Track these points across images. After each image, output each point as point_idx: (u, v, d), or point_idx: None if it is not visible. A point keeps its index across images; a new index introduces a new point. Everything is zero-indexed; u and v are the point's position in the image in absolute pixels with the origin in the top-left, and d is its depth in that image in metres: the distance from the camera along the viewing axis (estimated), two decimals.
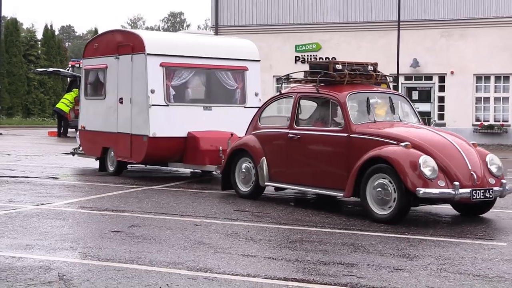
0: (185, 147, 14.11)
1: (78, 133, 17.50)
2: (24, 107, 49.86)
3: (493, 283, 6.88)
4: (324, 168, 10.81)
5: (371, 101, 11.00)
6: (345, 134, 10.35)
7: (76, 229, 9.46)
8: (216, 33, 33.80)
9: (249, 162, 11.98)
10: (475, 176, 9.61)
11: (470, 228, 10.02)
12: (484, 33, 28.88)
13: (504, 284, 6.85)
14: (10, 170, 16.99)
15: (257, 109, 14.59)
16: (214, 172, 14.57)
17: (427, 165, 9.29)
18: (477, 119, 29.10)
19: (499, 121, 29.22)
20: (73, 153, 18.18)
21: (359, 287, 6.64)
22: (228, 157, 12.43)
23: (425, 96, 30.62)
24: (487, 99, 29.61)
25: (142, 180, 15.10)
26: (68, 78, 34.44)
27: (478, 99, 29.66)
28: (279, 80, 11.82)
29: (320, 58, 31.36)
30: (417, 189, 9.18)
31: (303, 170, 11.16)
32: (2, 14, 36.63)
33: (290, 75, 12.05)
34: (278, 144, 11.54)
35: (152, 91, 13.63)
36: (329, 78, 11.01)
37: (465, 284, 6.82)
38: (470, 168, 9.62)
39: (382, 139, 10.02)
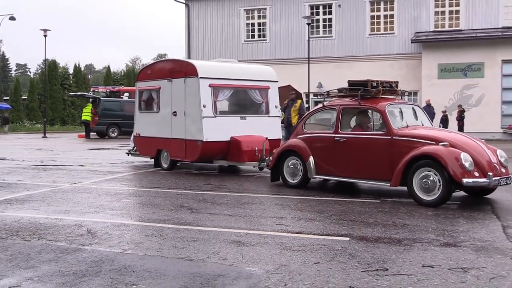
0: (229, 148, 12.70)
1: (132, 138, 15.62)
2: (61, 119, 49.39)
3: (371, 227, 7.01)
4: (369, 163, 9.25)
5: (400, 109, 9.77)
6: (388, 137, 8.98)
7: (98, 199, 9.37)
8: None
9: (296, 160, 10.35)
10: (497, 167, 8.52)
11: (359, 190, 10.16)
12: (363, 65, 29.24)
13: (378, 227, 6.98)
14: (53, 160, 16.73)
15: (277, 117, 14.08)
16: (253, 167, 13.05)
17: (466, 159, 8.15)
18: None
19: None
20: (128, 154, 15.98)
21: (286, 232, 6.71)
22: (277, 156, 10.73)
23: None
24: None
25: (140, 166, 14.97)
26: (90, 99, 34.05)
27: None
28: (321, 95, 10.91)
29: None
30: (463, 179, 8.02)
31: (350, 165, 9.56)
32: (46, 57, 35.98)
33: (330, 91, 10.80)
34: (325, 145, 9.95)
35: (204, 106, 12.32)
36: (367, 93, 9.70)
37: (354, 228, 6.93)
38: (492, 161, 8.54)
39: (422, 140, 8.72)
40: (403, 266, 5.24)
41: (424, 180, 8.43)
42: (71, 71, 54.73)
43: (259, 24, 31.94)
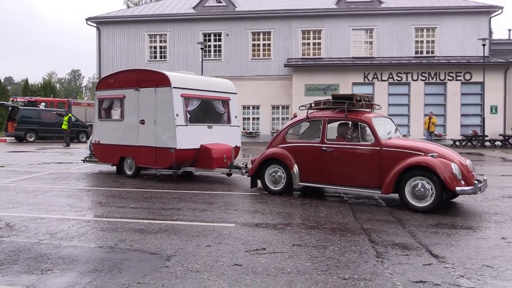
0: (198, 156, 10.92)
1: (89, 145, 13.37)
2: None
3: (252, 214, 7.11)
4: (357, 172, 8.10)
5: (382, 122, 8.57)
6: (377, 148, 7.90)
7: (16, 196, 8.72)
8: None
9: (279, 168, 9.00)
10: (475, 175, 7.93)
11: (244, 186, 10.26)
12: (246, 84, 29.60)
13: (258, 214, 7.09)
14: None
15: (236, 127, 12.37)
16: (221, 174, 11.47)
17: (456, 169, 7.39)
18: (244, 129, 29.82)
19: (255, 130, 30.08)
20: (84, 161, 13.51)
21: (183, 221, 6.64)
22: (259, 164, 9.22)
23: None
24: (248, 118, 30.38)
25: (51, 167, 14.17)
26: (9, 108, 31.66)
27: (244, 118, 30.35)
28: (301, 106, 9.35)
29: None
30: (456, 187, 7.29)
31: (337, 174, 8.33)
32: None
33: (312, 104, 9.30)
34: (311, 154, 8.62)
35: (177, 115, 10.57)
36: (352, 106, 8.56)
37: (238, 216, 6.99)
38: (470, 169, 7.83)
39: (410, 151, 7.72)
40: (278, 246, 5.37)
41: (417, 188, 7.52)
42: None
43: (160, 47, 31.36)
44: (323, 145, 8.57)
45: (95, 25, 32.01)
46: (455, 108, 27.38)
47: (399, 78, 27.72)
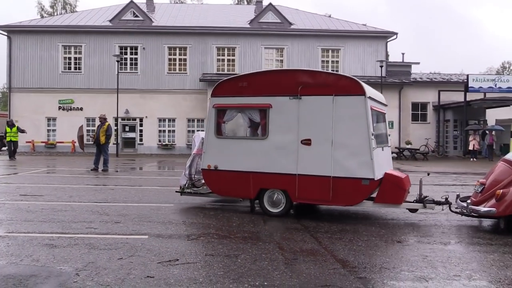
0: (381, 187, 7.78)
1: (187, 171, 9.28)
2: None
3: (166, 225, 6.90)
4: None
5: None
6: None
7: None
8: (10, 93, 30.34)
9: None
10: None
11: (157, 199, 9.96)
12: (162, 97, 29.17)
13: (171, 225, 6.91)
14: None
15: (389, 147, 9.27)
16: (407, 209, 8.19)
17: None
18: (159, 140, 29.23)
19: (171, 142, 29.58)
20: (181, 193, 9.37)
21: (94, 234, 6.30)
22: None
23: (133, 129, 29.94)
24: (164, 131, 29.83)
25: (24, 181, 12.95)
26: None
27: (160, 131, 29.77)
28: None
29: (74, 107, 29.37)
30: None
31: None
32: None
33: None
34: None
35: (373, 134, 7.55)
36: None
37: (152, 227, 6.76)
38: None
39: None
40: (191, 256, 5.25)
41: None
42: None
43: (75, 58, 30.01)
44: None
45: (5, 33, 30.02)
46: None
47: None
